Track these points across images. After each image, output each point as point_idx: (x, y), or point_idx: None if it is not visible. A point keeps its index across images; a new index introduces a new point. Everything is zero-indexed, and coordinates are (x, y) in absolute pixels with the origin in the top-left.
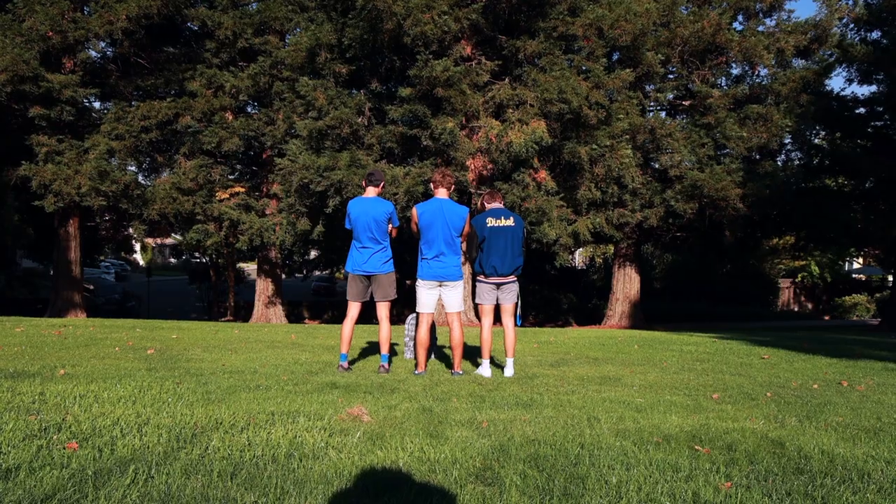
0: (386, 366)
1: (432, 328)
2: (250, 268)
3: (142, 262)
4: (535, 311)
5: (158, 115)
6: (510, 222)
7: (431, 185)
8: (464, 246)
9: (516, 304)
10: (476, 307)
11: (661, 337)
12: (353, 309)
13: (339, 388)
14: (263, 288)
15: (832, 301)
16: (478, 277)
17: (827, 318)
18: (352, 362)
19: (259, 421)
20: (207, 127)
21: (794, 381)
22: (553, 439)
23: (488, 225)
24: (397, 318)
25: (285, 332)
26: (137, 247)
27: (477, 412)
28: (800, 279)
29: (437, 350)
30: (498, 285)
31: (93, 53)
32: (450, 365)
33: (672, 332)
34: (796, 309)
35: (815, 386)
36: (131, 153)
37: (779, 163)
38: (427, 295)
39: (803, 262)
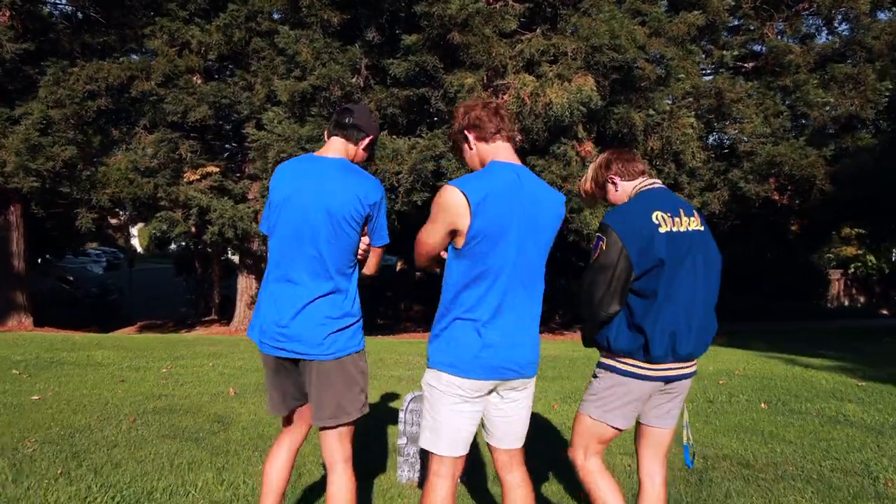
0: None
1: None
2: None
3: (140, 249)
4: (563, 310)
5: (108, 78)
6: (697, 224)
7: (473, 137)
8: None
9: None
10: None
11: (773, 370)
12: (283, 432)
13: None
14: (246, 286)
15: (889, 294)
16: (618, 361)
17: (885, 312)
18: None
19: None
20: (170, 93)
21: None
22: None
23: (661, 230)
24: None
25: (226, 380)
26: (135, 231)
27: None
28: (853, 270)
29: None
30: (666, 381)
31: (46, 8)
32: None
33: (765, 355)
34: (847, 303)
35: None
36: (74, 124)
37: (866, 135)
38: (461, 414)
39: (857, 252)
